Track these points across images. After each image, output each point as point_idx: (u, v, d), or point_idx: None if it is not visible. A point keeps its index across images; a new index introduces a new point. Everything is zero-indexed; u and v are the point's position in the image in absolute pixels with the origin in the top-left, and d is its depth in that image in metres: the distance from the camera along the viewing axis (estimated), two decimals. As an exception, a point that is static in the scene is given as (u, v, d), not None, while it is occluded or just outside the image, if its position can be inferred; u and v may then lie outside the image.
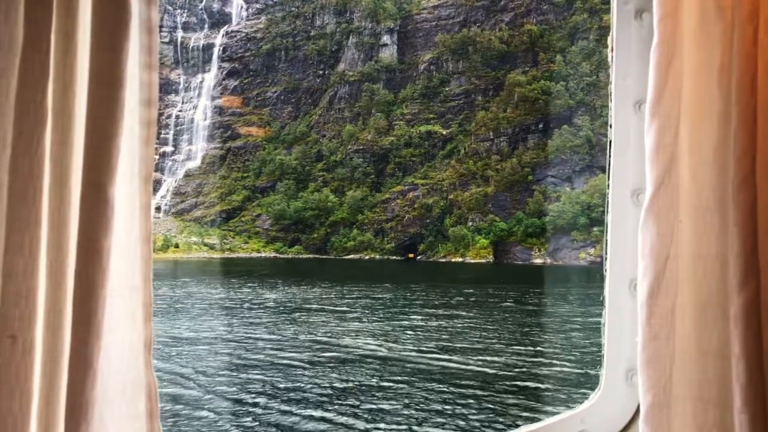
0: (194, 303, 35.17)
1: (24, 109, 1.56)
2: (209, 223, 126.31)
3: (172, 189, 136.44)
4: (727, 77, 1.68)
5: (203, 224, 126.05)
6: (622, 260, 2.01)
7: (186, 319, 28.28)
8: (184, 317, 28.81)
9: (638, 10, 2.01)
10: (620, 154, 2.03)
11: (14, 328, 1.51)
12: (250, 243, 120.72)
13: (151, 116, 1.72)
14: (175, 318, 28.38)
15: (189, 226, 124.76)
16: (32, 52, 1.57)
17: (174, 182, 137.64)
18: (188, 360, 19.01)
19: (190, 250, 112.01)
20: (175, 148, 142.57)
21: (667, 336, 1.73)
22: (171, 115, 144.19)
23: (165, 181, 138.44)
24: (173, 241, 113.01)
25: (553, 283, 57.19)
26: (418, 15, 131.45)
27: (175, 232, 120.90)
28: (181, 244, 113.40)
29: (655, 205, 1.73)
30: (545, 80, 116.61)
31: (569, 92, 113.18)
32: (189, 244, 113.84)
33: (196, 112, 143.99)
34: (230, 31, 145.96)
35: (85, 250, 1.55)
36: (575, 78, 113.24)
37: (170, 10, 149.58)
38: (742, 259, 1.61)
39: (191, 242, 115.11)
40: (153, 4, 1.73)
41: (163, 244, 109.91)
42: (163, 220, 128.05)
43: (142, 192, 1.70)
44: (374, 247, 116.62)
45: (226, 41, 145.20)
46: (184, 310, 31.74)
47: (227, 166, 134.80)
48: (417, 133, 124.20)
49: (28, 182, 1.55)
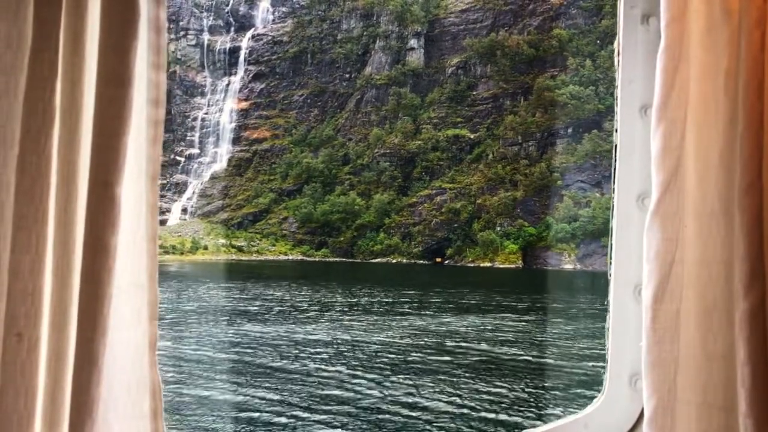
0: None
1: (32, 107, 1.55)
2: (236, 225, 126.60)
3: (198, 191, 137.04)
4: (733, 82, 1.67)
5: (230, 227, 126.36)
6: (627, 265, 2.00)
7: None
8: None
9: (645, 15, 2.00)
10: (626, 158, 2.02)
11: (20, 326, 1.51)
12: (277, 246, 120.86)
13: (158, 115, 1.71)
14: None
15: (215, 228, 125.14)
16: (41, 51, 1.57)
17: (200, 184, 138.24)
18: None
19: (218, 252, 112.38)
20: (200, 150, 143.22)
21: (671, 340, 1.71)
22: (197, 118, 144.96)
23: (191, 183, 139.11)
24: (202, 243, 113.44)
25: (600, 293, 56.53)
26: (446, 19, 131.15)
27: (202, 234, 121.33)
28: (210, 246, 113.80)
29: (661, 210, 1.72)
30: (574, 85, 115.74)
31: (599, 97, 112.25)
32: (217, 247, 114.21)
33: (222, 114, 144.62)
34: (256, 34, 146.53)
35: (91, 248, 1.54)
36: (605, 82, 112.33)
37: (197, 14, 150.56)
38: (747, 264, 1.59)
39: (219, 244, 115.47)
40: (161, 4, 1.72)
41: (192, 246, 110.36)
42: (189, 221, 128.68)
43: (149, 191, 1.69)
44: (401, 251, 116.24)
45: (252, 44, 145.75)
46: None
47: (253, 168, 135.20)
48: (444, 137, 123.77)
49: (36, 180, 1.54)
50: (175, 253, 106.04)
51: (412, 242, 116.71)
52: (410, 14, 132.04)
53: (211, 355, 20.25)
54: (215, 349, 21.14)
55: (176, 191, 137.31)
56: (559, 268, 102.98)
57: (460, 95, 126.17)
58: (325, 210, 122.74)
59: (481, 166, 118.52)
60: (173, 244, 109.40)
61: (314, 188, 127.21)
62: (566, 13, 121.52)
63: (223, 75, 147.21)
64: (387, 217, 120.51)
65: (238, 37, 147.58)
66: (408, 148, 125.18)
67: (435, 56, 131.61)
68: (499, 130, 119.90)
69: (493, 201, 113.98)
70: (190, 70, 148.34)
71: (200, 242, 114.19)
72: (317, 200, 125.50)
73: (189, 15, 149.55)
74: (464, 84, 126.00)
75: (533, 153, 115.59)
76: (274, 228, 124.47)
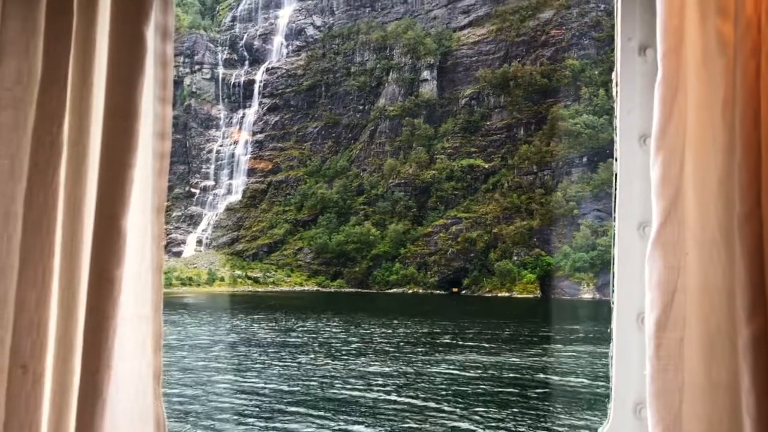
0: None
1: (41, 140, 1.57)
2: (251, 256, 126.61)
3: (213, 223, 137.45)
4: (730, 112, 1.69)
5: (245, 258, 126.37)
6: (629, 293, 2.00)
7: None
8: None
9: (642, 46, 2.01)
10: (626, 187, 2.04)
11: (25, 358, 1.50)
12: (292, 276, 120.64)
13: (164, 148, 1.73)
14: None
15: (231, 259, 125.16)
16: (50, 85, 1.59)
17: (215, 216, 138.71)
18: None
19: (235, 283, 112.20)
20: (215, 182, 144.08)
21: (675, 368, 1.70)
22: (212, 150, 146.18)
23: (206, 215, 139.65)
24: (218, 275, 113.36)
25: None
26: (458, 51, 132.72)
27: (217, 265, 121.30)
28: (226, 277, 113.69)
29: (662, 238, 1.72)
30: (588, 114, 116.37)
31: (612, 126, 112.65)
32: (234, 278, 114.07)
33: (237, 146, 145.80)
34: (271, 67, 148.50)
35: (97, 279, 1.54)
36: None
37: (211, 48, 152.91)
38: (749, 292, 1.59)
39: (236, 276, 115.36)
40: (168, 39, 1.76)
41: (209, 277, 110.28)
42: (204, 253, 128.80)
43: (154, 223, 1.70)
44: (417, 281, 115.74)
45: (266, 77, 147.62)
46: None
47: (268, 199, 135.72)
48: (459, 167, 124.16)
49: (43, 214, 1.56)
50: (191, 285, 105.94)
51: (428, 272, 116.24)
52: (423, 47, 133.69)
53: (285, 389, 19.97)
54: (286, 382, 20.83)
55: (191, 223, 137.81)
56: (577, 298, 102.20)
57: (473, 125, 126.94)
58: (340, 240, 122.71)
59: (496, 196, 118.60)
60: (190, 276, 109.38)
61: (329, 219, 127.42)
62: (578, 43, 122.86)
63: (237, 108, 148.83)
64: (402, 247, 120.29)
65: (253, 70, 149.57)
66: (422, 177, 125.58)
67: (448, 87, 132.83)
68: (514, 159, 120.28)
69: (509, 230, 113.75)
70: (205, 103, 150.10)
71: (216, 274, 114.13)
72: (332, 231, 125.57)
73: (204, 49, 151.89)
74: (478, 114, 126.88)
75: (549, 182, 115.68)
76: (289, 259, 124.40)
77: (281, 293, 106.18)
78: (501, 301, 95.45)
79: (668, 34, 1.74)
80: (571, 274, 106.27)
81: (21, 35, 1.62)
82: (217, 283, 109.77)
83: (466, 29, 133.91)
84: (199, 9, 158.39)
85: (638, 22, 2.02)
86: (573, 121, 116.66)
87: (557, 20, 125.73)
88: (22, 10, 1.65)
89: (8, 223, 1.55)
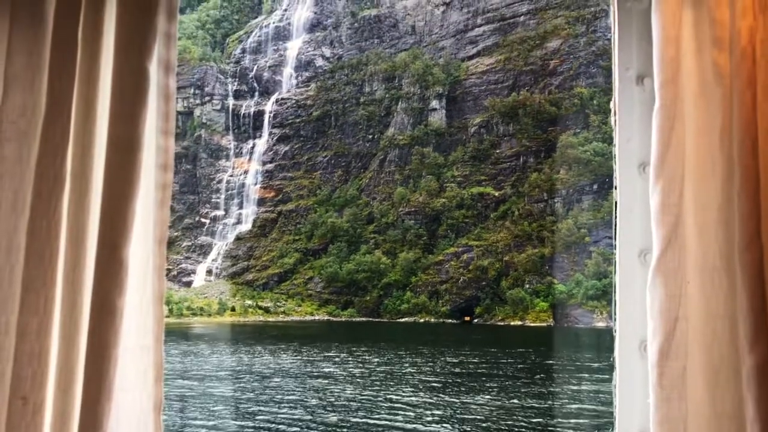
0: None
1: (44, 172, 1.59)
2: (261, 286, 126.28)
3: (223, 252, 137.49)
4: (728, 140, 1.71)
5: (255, 287, 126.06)
6: (631, 321, 1.99)
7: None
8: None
9: (639, 76, 2.04)
10: (626, 214, 2.03)
11: (26, 389, 1.50)
12: (303, 306, 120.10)
13: (166, 179, 1.75)
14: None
15: (241, 289, 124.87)
16: (54, 118, 1.62)
17: (225, 246, 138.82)
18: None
19: (246, 313, 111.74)
20: (225, 212, 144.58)
21: (679, 397, 1.69)
22: (222, 180, 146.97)
23: (216, 245, 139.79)
24: (229, 305, 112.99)
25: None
26: (467, 80, 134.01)
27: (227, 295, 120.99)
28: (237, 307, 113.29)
29: (663, 266, 1.72)
30: (597, 141, 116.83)
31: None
32: (244, 308, 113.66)
33: (247, 176, 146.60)
34: (280, 98, 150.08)
35: (98, 309, 1.55)
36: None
37: (222, 79, 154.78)
38: (751, 320, 1.58)
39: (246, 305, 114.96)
40: (171, 72, 1.79)
41: (220, 307, 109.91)
42: (214, 283, 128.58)
43: (156, 253, 1.72)
44: (429, 310, 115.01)
45: (276, 108, 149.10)
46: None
47: (278, 229, 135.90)
48: (469, 195, 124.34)
49: (45, 244, 1.58)
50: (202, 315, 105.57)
51: (440, 301, 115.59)
52: (432, 76, 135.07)
53: (359, 421, 19.72)
54: (353, 414, 20.48)
55: (201, 253, 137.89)
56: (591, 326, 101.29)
57: (483, 154, 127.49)
58: (350, 269, 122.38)
59: (507, 223, 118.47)
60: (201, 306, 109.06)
61: (339, 247, 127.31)
62: (587, 72, 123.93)
63: (247, 138, 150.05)
64: (413, 276, 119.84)
65: (263, 101, 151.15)
66: (433, 206, 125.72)
67: (457, 116, 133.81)
68: (524, 187, 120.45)
69: (521, 258, 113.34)
70: (215, 133, 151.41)
71: (227, 304, 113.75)
72: (342, 259, 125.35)
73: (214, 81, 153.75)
74: (487, 143, 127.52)
75: (559, 210, 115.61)
76: (299, 288, 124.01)
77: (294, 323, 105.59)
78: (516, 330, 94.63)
79: (665, 64, 1.77)
80: (584, 302, 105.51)
81: (26, 69, 1.65)
82: (228, 313, 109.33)
83: (474, 59, 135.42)
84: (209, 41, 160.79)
85: (635, 52, 2.05)
86: (583, 148, 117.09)
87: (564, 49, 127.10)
88: (28, 44, 1.67)
89: (11, 254, 1.57)
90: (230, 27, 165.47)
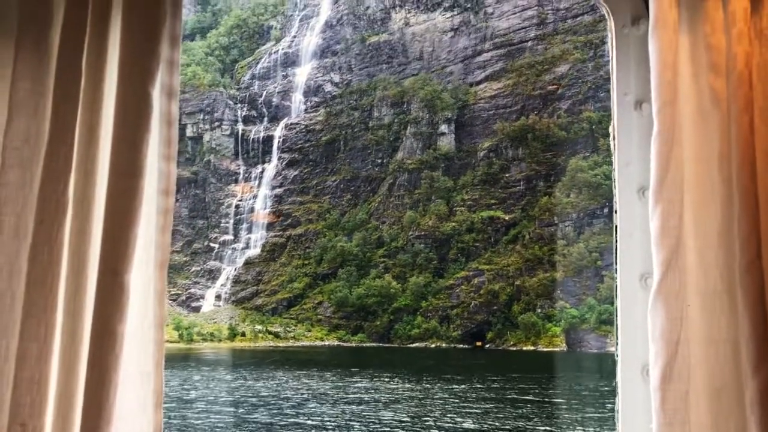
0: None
1: (46, 198, 1.60)
2: (270, 311, 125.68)
3: (232, 277, 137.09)
4: (727, 164, 1.73)
5: (264, 312, 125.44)
6: (633, 345, 1.97)
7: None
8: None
9: (638, 101, 2.06)
10: (626, 238, 2.05)
11: (24, 416, 1.49)
12: (313, 331, 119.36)
13: (168, 204, 1.76)
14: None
15: (250, 314, 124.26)
16: (57, 145, 1.63)
17: (234, 271, 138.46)
18: None
19: (256, 339, 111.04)
20: (234, 236, 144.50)
21: (682, 421, 1.65)
22: (231, 205, 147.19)
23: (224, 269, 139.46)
24: (239, 330, 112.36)
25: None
26: (476, 104, 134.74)
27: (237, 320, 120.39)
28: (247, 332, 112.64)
29: (664, 289, 1.72)
30: (608, 165, 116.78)
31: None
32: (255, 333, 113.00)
33: (256, 201, 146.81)
34: (290, 123, 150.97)
35: (99, 335, 1.54)
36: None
37: (231, 105, 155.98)
38: (753, 343, 1.57)
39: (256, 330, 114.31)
40: (173, 99, 1.80)
41: (230, 333, 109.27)
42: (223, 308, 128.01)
43: (157, 278, 1.72)
44: (440, 335, 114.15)
45: (285, 133, 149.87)
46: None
47: (288, 253, 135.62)
48: (479, 219, 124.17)
49: (47, 269, 1.58)
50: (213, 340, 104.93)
51: (451, 325, 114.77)
52: (440, 101, 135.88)
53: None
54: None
55: (210, 278, 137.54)
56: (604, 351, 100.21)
57: (492, 177, 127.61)
58: (360, 294, 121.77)
59: (518, 247, 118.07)
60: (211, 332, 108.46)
61: (349, 272, 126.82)
62: (595, 96, 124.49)
63: (257, 163, 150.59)
64: (424, 300, 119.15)
65: (272, 126, 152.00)
66: (442, 230, 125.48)
67: (466, 140, 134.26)
68: (534, 211, 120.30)
69: (533, 282, 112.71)
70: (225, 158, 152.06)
71: (237, 329, 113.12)
72: (352, 284, 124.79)
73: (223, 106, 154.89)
74: (497, 166, 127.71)
75: (570, 233, 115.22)
76: (309, 313, 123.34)
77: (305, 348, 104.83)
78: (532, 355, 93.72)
79: (662, 89, 1.78)
80: (596, 327, 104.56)
81: (30, 96, 1.66)
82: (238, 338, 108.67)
83: (482, 83, 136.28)
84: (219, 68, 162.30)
85: (633, 77, 2.06)
86: (593, 172, 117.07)
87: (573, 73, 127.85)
88: (32, 71, 1.68)
89: (12, 280, 1.57)
90: (239, 53, 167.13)
